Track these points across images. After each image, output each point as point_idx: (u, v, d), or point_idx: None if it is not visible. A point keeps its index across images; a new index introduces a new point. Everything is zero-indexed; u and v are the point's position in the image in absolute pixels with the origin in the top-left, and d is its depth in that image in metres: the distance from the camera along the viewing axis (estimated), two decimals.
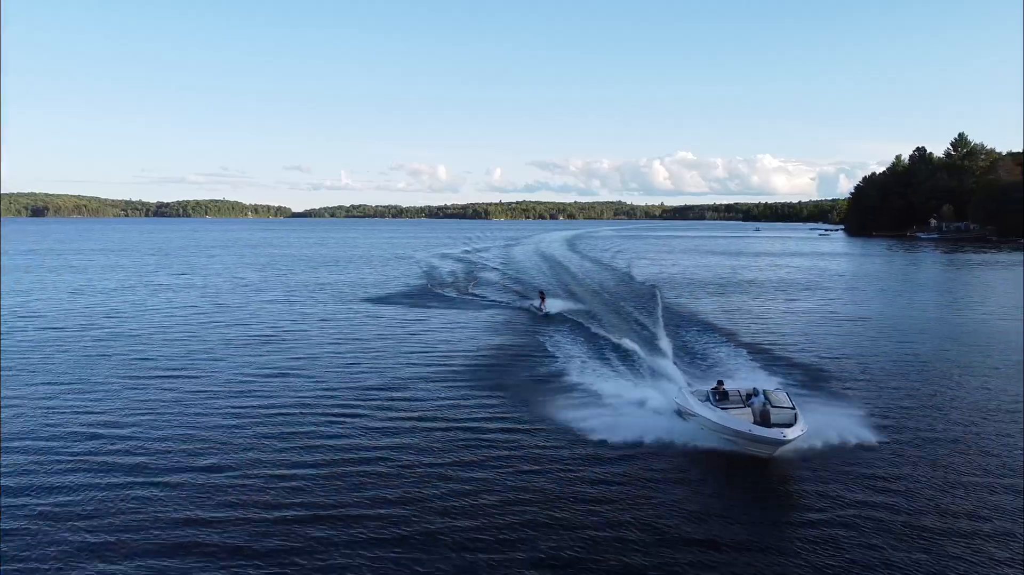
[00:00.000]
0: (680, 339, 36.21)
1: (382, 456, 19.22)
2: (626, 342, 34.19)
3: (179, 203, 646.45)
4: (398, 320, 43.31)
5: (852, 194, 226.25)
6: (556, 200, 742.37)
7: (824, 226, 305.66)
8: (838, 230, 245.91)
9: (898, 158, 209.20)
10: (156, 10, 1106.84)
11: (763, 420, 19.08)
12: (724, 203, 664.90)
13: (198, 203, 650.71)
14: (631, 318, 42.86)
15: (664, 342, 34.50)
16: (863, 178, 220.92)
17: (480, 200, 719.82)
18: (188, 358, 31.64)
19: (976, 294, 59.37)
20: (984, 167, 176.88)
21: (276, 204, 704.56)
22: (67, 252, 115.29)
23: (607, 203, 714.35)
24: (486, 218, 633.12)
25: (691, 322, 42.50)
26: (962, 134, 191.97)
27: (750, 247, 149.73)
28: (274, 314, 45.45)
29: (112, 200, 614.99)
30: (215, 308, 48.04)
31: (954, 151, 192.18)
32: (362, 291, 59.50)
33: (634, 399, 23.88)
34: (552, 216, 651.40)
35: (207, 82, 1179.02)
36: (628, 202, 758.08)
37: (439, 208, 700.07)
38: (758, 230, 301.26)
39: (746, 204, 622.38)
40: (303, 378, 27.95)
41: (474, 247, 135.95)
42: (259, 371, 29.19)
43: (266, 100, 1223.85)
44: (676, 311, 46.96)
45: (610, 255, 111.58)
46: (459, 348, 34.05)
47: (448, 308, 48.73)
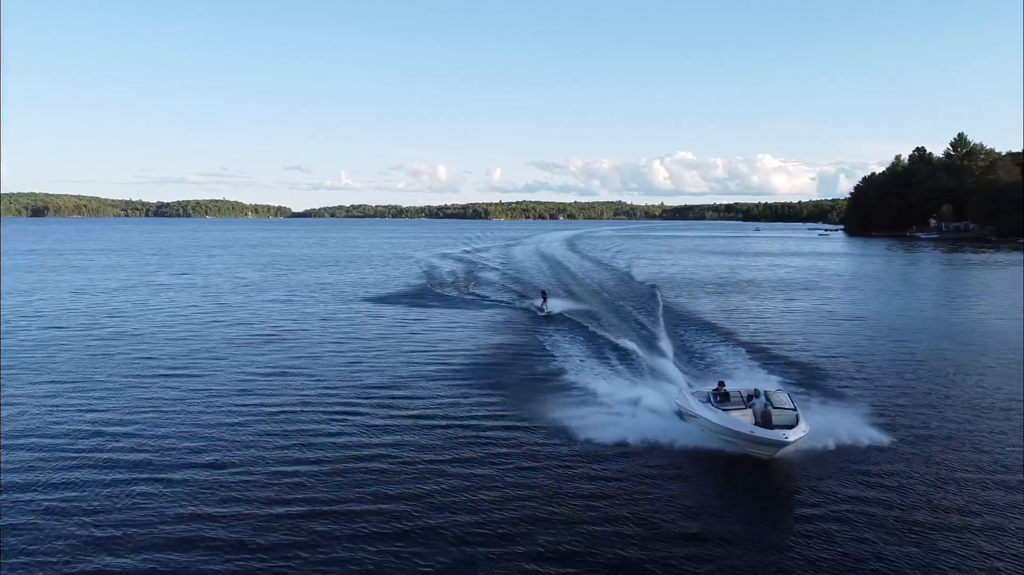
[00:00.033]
0: (680, 339, 36.47)
1: (383, 453, 19.50)
2: (626, 342, 34.36)
3: (179, 203, 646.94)
4: (399, 319, 43.61)
5: (852, 194, 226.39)
6: (556, 200, 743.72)
7: (824, 226, 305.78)
8: (838, 230, 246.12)
9: (898, 158, 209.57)
10: (156, 10, 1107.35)
11: (764, 421, 18.92)
12: (724, 203, 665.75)
13: (198, 203, 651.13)
14: (631, 318, 43.10)
15: (664, 342, 34.61)
16: (863, 178, 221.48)
17: (480, 200, 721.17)
18: (191, 357, 31.94)
19: (974, 294, 59.63)
20: (983, 167, 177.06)
21: (276, 204, 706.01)
22: (68, 252, 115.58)
23: (607, 203, 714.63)
24: (486, 218, 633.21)
25: (691, 322, 42.77)
26: (961, 134, 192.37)
27: (750, 247, 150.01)
28: (275, 314, 45.75)
29: (112, 200, 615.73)
30: (217, 308, 48.34)
31: (953, 151, 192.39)
32: (363, 291, 59.79)
33: (633, 399, 23.92)
34: (552, 216, 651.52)
35: (207, 82, 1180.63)
36: (628, 202, 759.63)
37: (439, 208, 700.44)
38: (758, 230, 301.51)
39: (746, 204, 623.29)
40: (305, 377, 28.24)
41: (474, 247, 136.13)
42: (261, 370, 29.48)
43: (266, 100, 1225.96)
44: (676, 311, 47.22)
45: (610, 255, 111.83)
46: (459, 347, 34.33)
47: (448, 308, 49.01)
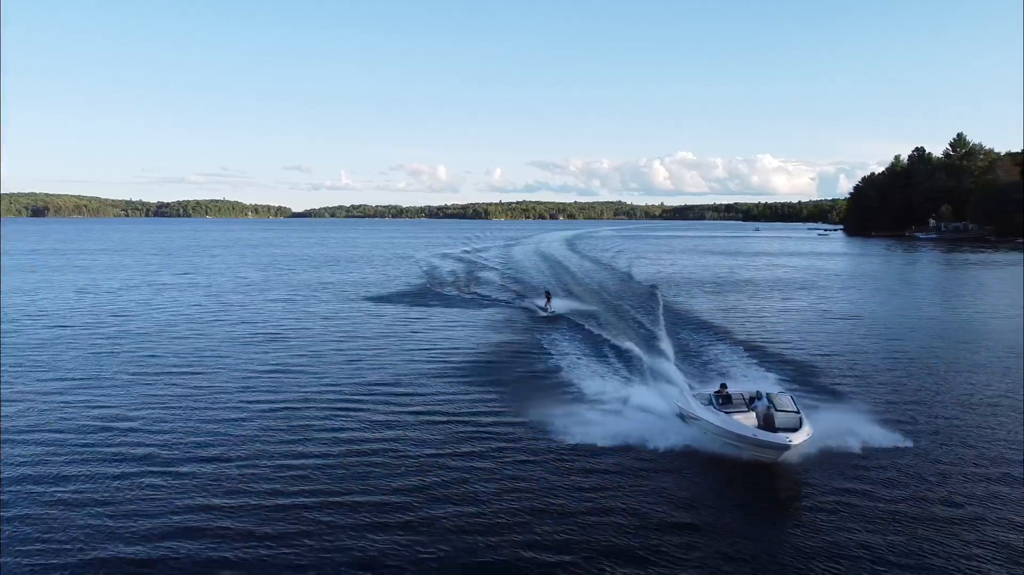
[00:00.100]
0: (679, 338, 36.86)
1: (385, 447, 19.97)
2: (626, 342, 34.61)
3: (179, 203, 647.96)
4: (399, 318, 44.09)
5: (851, 194, 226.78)
6: (556, 200, 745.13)
7: (823, 226, 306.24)
8: (837, 230, 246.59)
9: (897, 158, 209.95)
10: (156, 10, 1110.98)
11: (767, 424, 18.66)
12: (724, 203, 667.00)
13: (198, 203, 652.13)
14: (631, 317, 43.54)
15: (665, 343, 34.71)
16: (862, 178, 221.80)
17: (480, 200, 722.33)
18: (195, 355, 32.43)
19: (972, 293, 60.09)
20: (983, 167, 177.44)
21: (276, 204, 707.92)
22: (70, 252, 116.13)
23: (607, 203, 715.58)
24: (486, 218, 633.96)
25: (690, 321, 43.22)
26: (961, 134, 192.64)
27: (749, 247, 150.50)
28: (277, 313, 46.25)
29: (112, 200, 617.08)
30: (219, 307, 48.84)
31: (953, 151, 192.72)
32: (363, 290, 60.30)
33: (632, 398, 24.18)
34: (552, 216, 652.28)
35: (207, 82, 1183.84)
36: (628, 202, 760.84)
37: (439, 208, 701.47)
38: (758, 230, 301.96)
39: (746, 204, 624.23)
40: (307, 374, 28.72)
41: (474, 247, 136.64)
42: (264, 367, 29.97)
43: (266, 100, 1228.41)
44: (676, 310, 47.68)
45: (610, 255, 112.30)
46: (459, 346, 34.81)
47: (448, 307, 49.47)
